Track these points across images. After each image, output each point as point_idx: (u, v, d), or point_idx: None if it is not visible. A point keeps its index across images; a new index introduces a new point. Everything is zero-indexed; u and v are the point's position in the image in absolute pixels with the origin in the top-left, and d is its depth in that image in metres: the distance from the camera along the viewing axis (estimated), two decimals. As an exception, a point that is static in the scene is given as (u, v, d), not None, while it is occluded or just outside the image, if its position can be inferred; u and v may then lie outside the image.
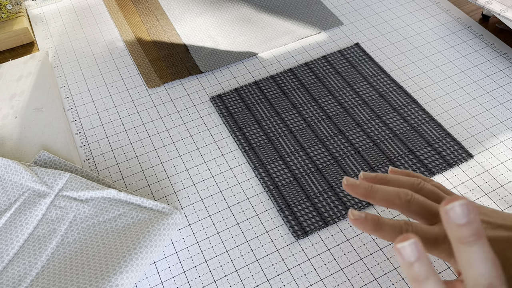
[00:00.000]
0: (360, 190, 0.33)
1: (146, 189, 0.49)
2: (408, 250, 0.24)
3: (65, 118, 0.55)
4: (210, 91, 0.58)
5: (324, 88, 0.58)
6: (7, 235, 0.43)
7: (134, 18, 0.68)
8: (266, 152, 0.51)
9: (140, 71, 0.61)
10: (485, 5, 0.60)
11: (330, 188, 0.48)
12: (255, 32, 0.65)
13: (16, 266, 0.42)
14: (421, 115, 0.54)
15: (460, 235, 0.23)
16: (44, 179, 0.46)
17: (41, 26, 0.68)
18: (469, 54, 0.61)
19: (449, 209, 0.23)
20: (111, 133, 0.54)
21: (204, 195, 0.48)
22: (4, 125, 0.54)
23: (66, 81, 0.60)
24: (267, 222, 0.46)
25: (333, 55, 0.62)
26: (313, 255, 0.43)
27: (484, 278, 0.23)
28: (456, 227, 0.23)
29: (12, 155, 0.51)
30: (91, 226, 0.44)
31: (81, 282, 0.40)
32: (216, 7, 0.69)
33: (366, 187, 0.33)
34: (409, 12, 0.68)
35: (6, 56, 0.65)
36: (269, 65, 0.61)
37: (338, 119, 0.54)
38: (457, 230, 0.23)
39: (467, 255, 0.24)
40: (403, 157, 0.50)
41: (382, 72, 0.59)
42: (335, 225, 0.45)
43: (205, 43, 0.64)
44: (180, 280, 0.42)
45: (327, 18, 0.67)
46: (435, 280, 0.24)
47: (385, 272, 0.42)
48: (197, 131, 0.54)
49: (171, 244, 0.44)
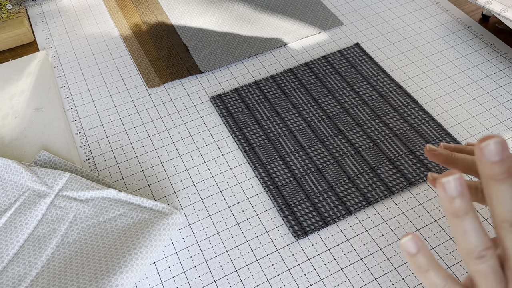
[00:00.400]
0: (441, 157, 0.35)
1: (146, 189, 0.49)
2: (452, 185, 0.24)
3: (65, 118, 0.55)
4: (210, 91, 0.58)
5: (324, 88, 0.58)
6: (7, 235, 0.43)
7: (134, 18, 0.68)
8: (266, 152, 0.51)
9: (140, 71, 0.61)
10: (485, 5, 0.60)
11: (330, 188, 0.48)
12: (255, 32, 0.65)
13: (16, 266, 0.42)
14: (421, 115, 0.54)
15: (492, 172, 0.24)
16: (44, 179, 0.46)
17: (41, 26, 0.68)
18: (469, 54, 0.61)
19: (484, 146, 0.23)
20: (111, 133, 0.54)
21: (204, 195, 0.48)
22: (4, 125, 0.54)
23: (66, 81, 0.60)
24: (267, 222, 0.46)
25: (333, 55, 0.62)
26: (313, 255, 0.43)
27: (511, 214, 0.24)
28: (489, 164, 0.24)
29: (12, 155, 0.51)
30: (91, 226, 0.44)
31: (81, 282, 0.40)
32: (216, 7, 0.69)
33: (448, 154, 0.35)
34: (409, 12, 0.68)
35: (6, 56, 0.65)
36: (269, 65, 0.61)
37: (338, 119, 0.54)
38: (490, 167, 0.24)
39: (497, 192, 0.24)
40: (403, 157, 0.50)
41: (382, 72, 0.59)
42: (335, 225, 0.45)
43: (205, 43, 0.64)
44: (180, 280, 0.42)
45: (327, 18, 0.67)
46: (474, 217, 0.25)
47: (385, 272, 0.42)
48: (197, 131, 0.54)
49: (171, 244, 0.44)
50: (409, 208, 0.46)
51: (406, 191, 0.48)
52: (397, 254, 0.43)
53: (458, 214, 0.25)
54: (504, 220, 0.24)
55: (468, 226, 0.25)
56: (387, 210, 0.46)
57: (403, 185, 0.48)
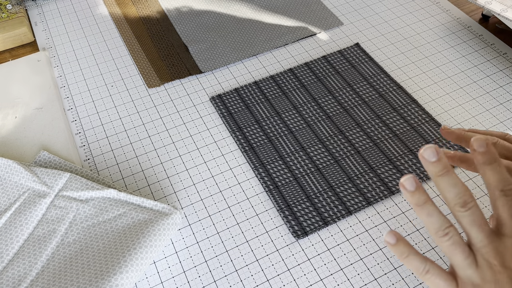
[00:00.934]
0: (454, 135, 0.39)
1: (146, 189, 0.49)
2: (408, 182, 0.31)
3: (65, 118, 0.55)
4: (210, 91, 0.58)
5: (324, 88, 0.58)
6: (7, 235, 0.43)
7: (134, 18, 0.68)
8: (266, 152, 0.51)
9: (140, 71, 0.61)
10: (485, 5, 0.60)
11: (330, 188, 0.48)
12: (255, 32, 0.65)
13: (16, 266, 0.42)
14: (421, 115, 0.54)
15: (435, 170, 0.31)
16: (44, 179, 0.46)
17: (41, 26, 0.68)
18: (469, 54, 0.61)
19: (423, 152, 0.30)
20: (111, 133, 0.54)
21: (204, 195, 0.48)
22: (4, 125, 0.54)
23: (66, 81, 0.60)
24: (267, 222, 0.46)
25: (333, 55, 0.62)
26: (313, 255, 0.43)
27: (459, 197, 0.30)
28: (430, 164, 0.31)
29: (12, 155, 0.51)
30: (91, 226, 0.44)
31: (81, 282, 0.40)
32: (216, 7, 0.69)
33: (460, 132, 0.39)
34: (409, 12, 0.68)
35: (6, 56, 0.65)
36: (269, 65, 0.61)
37: (338, 119, 0.54)
38: (432, 166, 0.31)
39: (443, 184, 0.31)
40: (403, 157, 0.50)
41: (382, 72, 0.59)
42: (335, 225, 0.45)
43: (205, 43, 0.64)
44: (180, 280, 0.42)
45: (327, 18, 0.67)
46: (432, 204, 0.31)
47: (385, 272, 0.42)
48: (197, 131, 0.54)
49: (171, 244, 0.44)
50: (409, 208, 0.46)
51: (406, 191, 0.48)
52: (397, 254, 0.43)
53: (419, 203, 0.31)
54: (455, 203, 0.30)
55: (430, 209, 0.31)
56: (387, 210, 0.46)
57: (403, 185, 0.48)
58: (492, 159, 0.31)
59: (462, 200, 0.30)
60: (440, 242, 0.31)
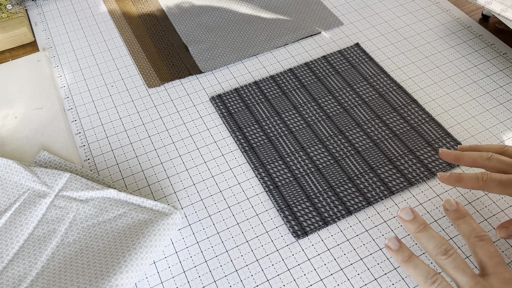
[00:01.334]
0: (451, 156, 0.43)
1: (146, 189, 0.49)
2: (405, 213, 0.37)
3: (65, 118, 0.55)
4: (210, 91, 0.58)
5: (324, 88, 0.58)
6: (7, 235, 0.43)
7: (134, 18, 0.68)
8: (266, 152, 0.51)
9: (140, 71, 0.61)
10: (485, 5, 0.60)
11: (330, 188, 0.48)
12: (255, 32, 0.65)
13: (16, 266, 0.42)
14: (421, 115, 0.54)
15: (414, 227, 0.36)
16: (44, 179, 0.46)
17: (41, 26, 0.68)
18: (469, 54, 0.61)
19: (400, 213, 0.36)
20: (111, 133, 0.54)
21: (204, 195, 0.48)
22: (4, 125, 0.54)
23: (66, 81, 0.60)
24: (267, 222, 0.46)
25: (333, 55, 0.62)
26: (313, 255, 0.43)
27: (439, 246, 0.34)
28: (408, 222, 0.36)
29: (12, 155, 0.51)
30: (91, 226, 0.44)
31: (81, 282, 0.40)
32: (216, 7, 0.69)
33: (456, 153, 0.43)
34: (409, 12, 0.68)
35: (6, 56, 0.65)
36: (269, 65, 0.61)
37: (338, 119, 0.54)
38: (410, 224, 0.36)
39: (423, 238, 0.35)
40: (403, 157, 0.50)
41: (382, 72, 0.59)
42: (335, 225, 0.45)
43: (205, 43, 0.64)
44: (180, 280, 0.42)
45: (327, 18, 0.67)
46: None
47: (385, 272, 0.42)
48: (197, 131, 0.54)
49: (171, 244, 0.44)
50: (409, 208, 0.46)
51: (406, 191, 0.48)
52: (397, 254, 0.43)
53: (404, 259, 0.35)
54: (437, 253, 0.34)
55: (415, 262, 0.35)
56: (387, 210, 0.46)
57: (403, 185, 0.48)
58: (462, 214, 0.36)
59: (443, 249, 0.34)
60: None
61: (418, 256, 0.37)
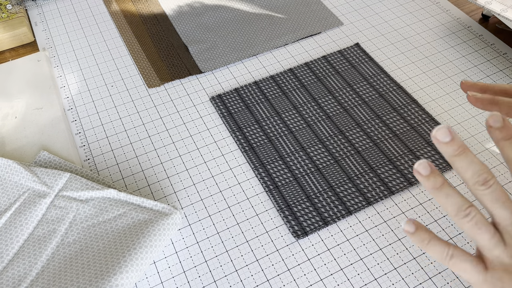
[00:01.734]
0: (485, 101, 0.38)
1: (146, 189, 0.49)
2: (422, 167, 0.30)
3: (65, 118, 0.55)
4: (210, 91, 0.58)
5: (324, 88, 0.58)
6: (7, 235, 0.43)
7: (134, 18, 0.68)
8: (266, 152, 0.51)
9: (140, 71, 0.61)
10: (485, 5, 0.60)
11: (330, 188, 0.48)
12: (255, 32, 0.65)
13: (16, 266, 0.42)
14: (421, 115, 0.54)
15: (450, 150, 0.29)
16: (44, 179, 0.46)
17: (41, 26, 0.68)
18: (469, 54, 0.61)
19: (436, 133, 0.29)
20: (111, 133, 0.54)
21: (204, 195, 0.48)
22: (4, 125, 0.54)
23: (66, 81, 0.60)
24: (267, 222, 0.46)
25: (333, 55, 0.62)
26: (313, 255, 0.43)
27: (478, 175, 0.29)
28: (445, 145, 0.29)
29: (12, 155, 0.51)
30: (91, 226, 0.44)
31: (81, 282, 0.40)
32: (216, 7, 0.69)
33: (491, 99, 0.37)
34: (409, 12, 0.68)
35: (6, 56, 0.65)
36: (269, 65, 0.61)
37: (338, 119, 0.54)
38: (447, 147, 0.29)
39: (460, 163, 0.29)
40: (403, 157, 0.50)
41: (382, 72, 0.59)
42: (335, 225, 0.45)
43: (205, 43, 0.64)
44: (180, 280, 0.42)
45: (327, 18, 0.67)
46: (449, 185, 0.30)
47: (385, 272, 0.42)
48: (197, 131, 0.54)
49: (171, 244, 0.44)
50: (409, 208, 0.46)
51: (406, 191, 0.48)
52: (397, 254, 0.43)
53: (436, 186, 0.30)
54: (475, 182, 0.29)
55: (447, 191, 0.30)
56: (387, 210, 0.46)
57: (403, 185, 0.48)
58: (510, 134, 0.30)
59: (482, 178, 0.29)
60: (462, 223, 0.30)
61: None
